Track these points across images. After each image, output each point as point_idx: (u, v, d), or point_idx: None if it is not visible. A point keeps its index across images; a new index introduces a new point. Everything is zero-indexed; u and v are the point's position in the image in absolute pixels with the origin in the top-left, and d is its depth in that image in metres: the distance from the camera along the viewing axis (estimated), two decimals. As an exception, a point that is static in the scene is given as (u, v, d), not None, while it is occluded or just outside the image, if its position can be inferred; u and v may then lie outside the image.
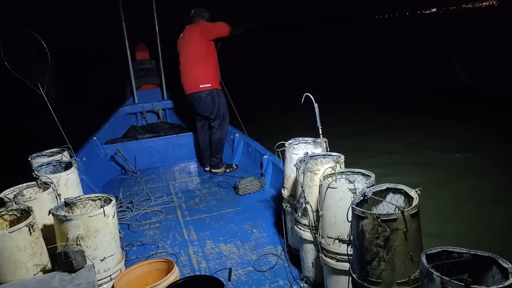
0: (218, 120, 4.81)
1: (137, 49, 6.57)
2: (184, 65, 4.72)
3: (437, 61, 15.27)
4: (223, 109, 4.81)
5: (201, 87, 4.64)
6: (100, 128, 5.61)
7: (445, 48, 15.83)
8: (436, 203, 4.52)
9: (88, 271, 2.02)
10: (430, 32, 36.78)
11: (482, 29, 30.76)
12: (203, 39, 4.61)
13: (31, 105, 5.95)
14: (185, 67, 4.72)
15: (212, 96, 4.70)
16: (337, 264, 2.18)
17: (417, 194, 1.76)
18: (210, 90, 4.67)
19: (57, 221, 2.19)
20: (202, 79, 4.64)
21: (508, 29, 26.23)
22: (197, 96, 4.69)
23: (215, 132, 4.86)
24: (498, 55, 15.72)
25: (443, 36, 28.33)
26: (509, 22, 33.92)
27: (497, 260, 1.36)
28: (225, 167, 5.04)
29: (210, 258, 3.14)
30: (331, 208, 2.14)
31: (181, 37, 4.79)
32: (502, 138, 6.57)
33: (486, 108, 8.44)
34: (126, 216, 4.00)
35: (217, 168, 5.03)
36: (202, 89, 4.64)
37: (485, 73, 12.39)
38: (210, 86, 4.66)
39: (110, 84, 8.40)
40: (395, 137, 7.29)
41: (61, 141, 3.55)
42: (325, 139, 2.81)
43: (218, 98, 4.74)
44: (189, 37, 4.68)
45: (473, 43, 20.79)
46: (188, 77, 4.70)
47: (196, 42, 4.62)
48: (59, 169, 3.11)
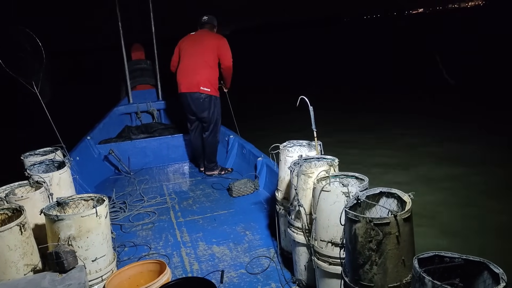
0: (212, 125, 4.84)
1: (133, 49, 6.54)
2: (188, 65, 4.73)
3: (422, 60, 15.43)
4: (217, 115, 4.85)
5: (202, 89, 4.66)
6: (94, 128, 5.59)
7: (429, 47, 16.00)
8: (430, 207, 4.54)
9: (79, 271, 2.00)
10: (416, 31, 37.12)
11: (467, 29, 31.06)
12: (216, 50, 4.71)
13: (25, 103, 5.92)
14: (189, 67, 4.72)
15: (211, 101, 4.74)
16: (329, 267, 2.17)
17: (410, 198, 1.77)
18: (209, 94, 4.70)
19: (49, 221, 2.17)
20: (204, 82, 4.66)
21: (492, 28, 26.50)
22: (195, 96, 4.70)
23: (207, 137, 4.89)
24: (482, 55, 15.92)
25: (429, 36, 28.57)
26: (493, 21, 34.34)
27: (489, 265, 1.37)
28: (219, 170, 5.04)
29: (202, 260, 3.13)
30: (324, 211, 2.14)
31: (191, 37, 4.84)
32: (498, 138, 6.63)
33: (482, 108, 8.52)
34: (119, 217, 3.98)
35: (212, 171, 5.04)
36: (202, 91, 4.66)
37: (469, 72, 12.56)
38: (210, 91, 4.70)
39: (105, 84, 8.39)
40: (390, 141, 7.32)
41: (55, 140, 3.53)
42: (319, 142, 2.82)
43: (215, 104, 4.80)
44: (204, 42, 4.75)
45: (458, 43, 21.01)
46: (190, 77, 4.71)
47: (210, 49, 4.71)
48: (52, 168, 3.09)
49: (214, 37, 4.80)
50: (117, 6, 5.71)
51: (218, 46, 4.72)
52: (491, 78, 11.57)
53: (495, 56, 14.76)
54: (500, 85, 10.47)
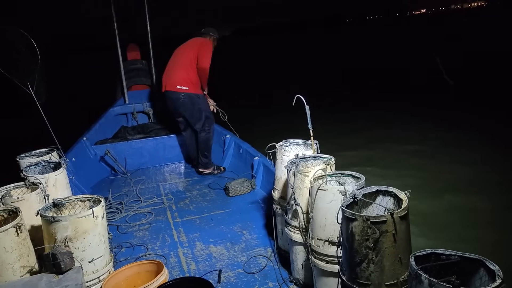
0: (200, 122, 4.83)
1: (128, 49, 6.52)
2: (169, 65, 4.88)
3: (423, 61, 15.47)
4: (205, 112, 4.85)
5: (178, 87, 4.71)
6: (90, 129, 5.57)
7: (430, 48, 16.09)
8: (426, 205, 4.56)
9: (76, 272, 2.00)
10: (418, 32, 37.17)
11: (469, 29, 31.17)
12: (196, 51, 4.75)
13: (20, 104, 5.89)
14: (170, 67, 4.87)
15: (191, 99, 4.75)
16: (326, 266, 2.18)
17: (407, 196, 1.77)
18: (187, 93, 4.72)
19: (45, 222, 2.17)
20: (181, 81, 4.72)
21: (494, 29, 26.58)
22: (174, 96, 4.76)
23: (199, 134, 4.89)
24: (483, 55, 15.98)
25: (430, 37, 28.63)
26: (495, 22, 34.46)
27: (485, 262, 1.38)
28: (213, 168, 5.04)
29: (199, 259, 3.13)
30: (321, 210, 2.15)
31: (183, 44, 4.97)
32: (500, 138, 6.65)
33: (482, 108, 8.53)
34: (116, 217, 3.97)
35: (205, 168, 5.03)
36: (179, 90, 4.71)
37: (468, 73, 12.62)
38: (188, 90, 4.72)
39: (101, 84, 8.36)
40: (387, 139, 7.34)
41: (50, 141, 3.51)
42: (316, 141, 2.82)
43: (197, 102, 4.79)
44: (187, 44, 4.90)
45: (458, 43, 21.09)
46: (169, 75, 4.82)
47: (188, 50, 4.82)
48: (48, 169, 3.08)
49: (198, 40, 4.89)
50: (112, 7, 5.69)
51: (198, 46, 4.77)
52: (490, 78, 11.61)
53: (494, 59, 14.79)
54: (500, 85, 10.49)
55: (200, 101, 4.82)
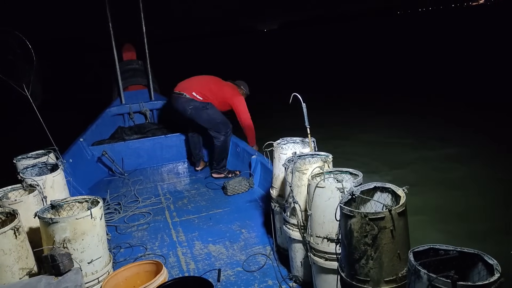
0: (212, 130, 4.72)
1: (124, 49, 6.51)
2: (194, 77, 4.91)
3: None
4: (218, 119, 4.70)
5: (194, 94, 4.62)
6: (87, 130, 5.55)
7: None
8: (423, 201, 4.56)
9: (75, 274, 1.99)
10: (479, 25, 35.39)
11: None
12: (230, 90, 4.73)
13: (16, 106, 5.86)
14: (193, 78, 4.90)
15: (201, 107, 4.63)
16: (325, 263, 2.18)
17: (404, 192, 1.78)
18: (200, 102, 4.62)
19: (43, 224, 2.16)
20: (198, 91, 4.64)
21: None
22: (184, 101, 4.64)
23: (218, 139, 4.73)
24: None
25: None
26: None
27: (483, 257, 1.38)
28: (227, 173, 4.86)
29: (199, 259, 3.13)
30: (319, 208, 2.15)
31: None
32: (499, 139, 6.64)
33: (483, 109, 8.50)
34: (114, 218, 3.96)
35: (219, 174, 4.90)
36: (194, 97, 4.61)
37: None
38: (201, 100, 4.63)
39: (97, 85, 8.32)
40: (384, 137, 7.34)
41: (47, 142, 3.50)
42: (313, 139, 2.82)
43: (208, 108, 4.66)
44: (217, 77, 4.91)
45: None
46: (190, 81, 4.82)
47: (220, 80, 4.85)
48: (45, 171, 3.07)
49: (230, 83, 4.85)
50: (107, 7, 5.67)
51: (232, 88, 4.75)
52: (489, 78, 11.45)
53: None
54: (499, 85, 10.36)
55: (210, 107, 4.67)
